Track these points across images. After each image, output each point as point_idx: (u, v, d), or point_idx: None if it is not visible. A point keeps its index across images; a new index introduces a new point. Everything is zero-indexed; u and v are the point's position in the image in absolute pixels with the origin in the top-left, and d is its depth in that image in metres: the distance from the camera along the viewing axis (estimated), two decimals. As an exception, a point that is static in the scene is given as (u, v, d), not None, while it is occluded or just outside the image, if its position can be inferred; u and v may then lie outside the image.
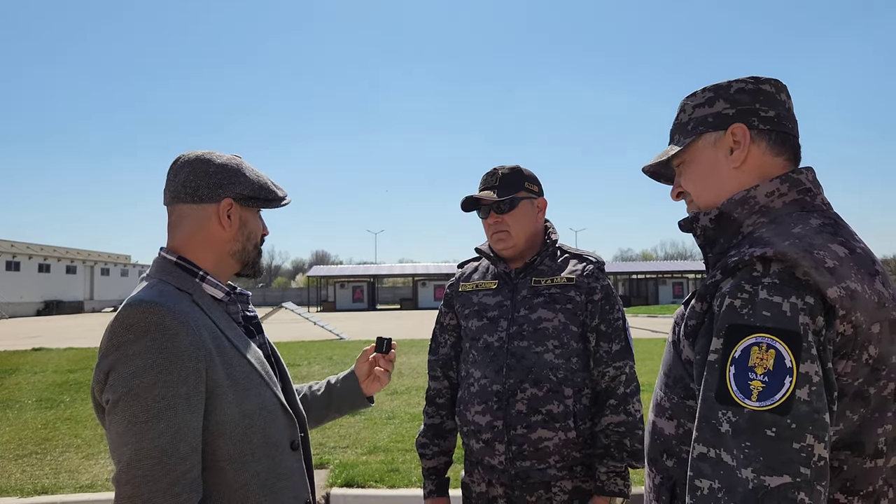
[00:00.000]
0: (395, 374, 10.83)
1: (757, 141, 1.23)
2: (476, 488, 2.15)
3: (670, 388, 1.21)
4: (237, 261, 1.54)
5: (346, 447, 6.15)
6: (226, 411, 1.35)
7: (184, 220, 1.48)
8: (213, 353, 1.36)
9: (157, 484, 1.24)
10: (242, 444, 1.37)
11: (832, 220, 1.15)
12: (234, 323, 1.49)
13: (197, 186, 1.46)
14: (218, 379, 1.35)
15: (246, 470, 1.38)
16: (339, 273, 54.73)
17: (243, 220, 1.52)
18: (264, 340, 1.60)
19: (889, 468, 1.08)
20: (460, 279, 2.34)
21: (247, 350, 1.45)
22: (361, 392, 1.82)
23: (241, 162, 1.54)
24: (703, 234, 1.25)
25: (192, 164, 1.48)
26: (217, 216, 1.48)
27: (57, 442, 6.49)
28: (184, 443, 1.28)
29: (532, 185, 2.19)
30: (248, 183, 1.50)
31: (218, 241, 1.49)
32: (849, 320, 1.01)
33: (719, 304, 1.06)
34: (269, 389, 1.46)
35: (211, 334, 1.38)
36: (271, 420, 1.44)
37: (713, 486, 0.99)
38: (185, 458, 1.28)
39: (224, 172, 1.48)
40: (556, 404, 2.02)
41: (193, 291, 1.43)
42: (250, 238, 1.54)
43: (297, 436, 1.53)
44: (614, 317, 2.12)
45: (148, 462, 1.24)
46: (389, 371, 1.83)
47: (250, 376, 1.42)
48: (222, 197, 1.48)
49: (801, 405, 0.95)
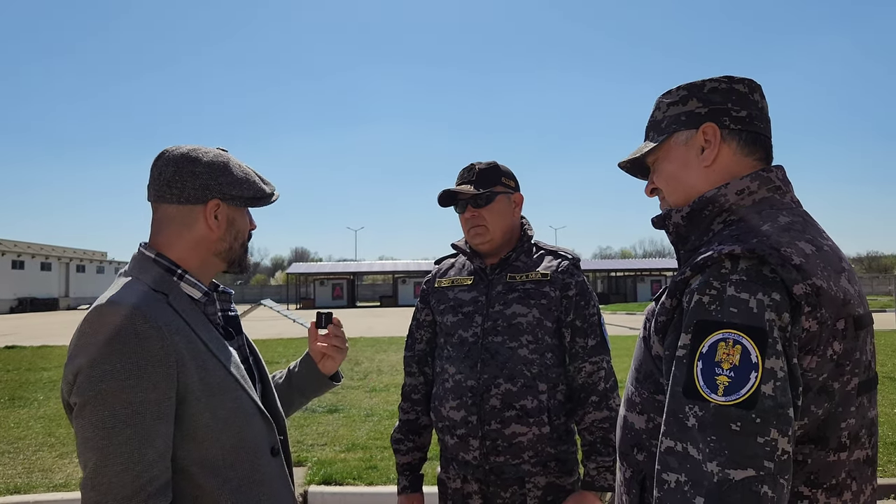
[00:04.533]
0: (373, 371, 10.81)
1: (728, 140, 1.24)
2: (451, 484, 2.16)
3: (641, 382, 1.23)
4: (223, 260, 1.50)
5: (324, 445, 6.14)
6: (198, 416, 1.32)
7: (169, 220, 1.44)
8: (186, 358, 1.32)
9: (123, 490, 1.22)
10: (215, 450, 1.34)
11: (800, 218, 1.17)
12: (211, 324, 1.45)
13: (183, 187, 1.42)
14: (190, 384, 1.32)
15: (217, 476, 1.34)
16: (319, 270, 54.31)
17: (231, 219, 1.48)
18: (243, 342, 1.56)
19: (852, 461, 1.10)
20: (437, 275, 2.35)
21: (222, 353, 1.41)
22: (320, 372, 1.77)
23: (229, 158, 1.49)
24: (675, 231, 1.27)
25: (177, 162, 1.43)
26: (204, 217, 1.44)
27: (30, 441, 6.41)
28: (151, 449, 1.25)
29: (509, 181, 2.20)
30: (235, 181, 1.46)
31: (205, 242, 1.46)
32: (814, 317, 1.03)
33: (688, 301, 1.08)
34: (245, 393, 1.42)
35: (184, 337, 1.34)
36: (247, 425, 1.40)
37: (680, 480, 1.00)
38: (153, 464, 1.25)
39: (211, 172, 1.43)
40: (530, 399, 2.03)
41: (170, 291, 1.39)
42: (237, 237, 1.50)
43: (276, 440, 1.48)
44: (589, 312, 2.13)
45: (114, 469, 1.22)
46: (339, 346, 1.76)
47: (225, 380, 1.38)
48: (209, 198, 1.43)
49: (766, 400, 0.96)
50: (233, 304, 1.61)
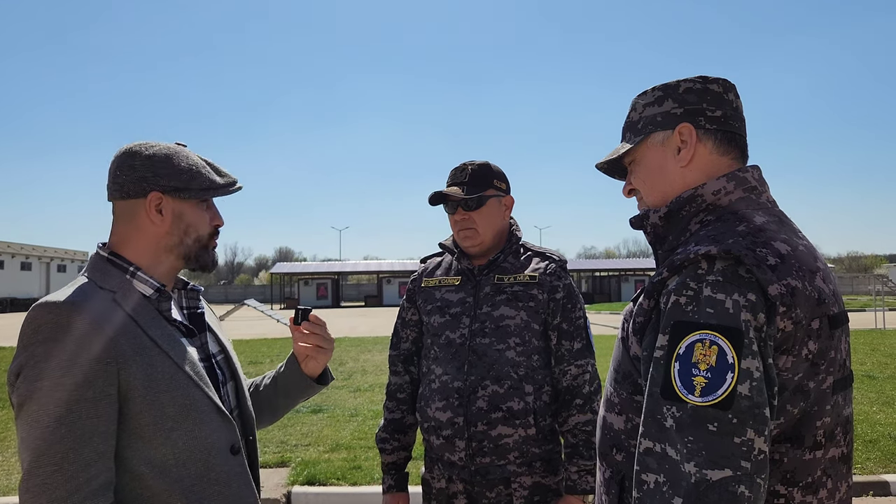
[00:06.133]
0: (357, 371, 10.78)
1: (703, 140, 1.25)
2: (436, 484, 2.16)
3: (619, 383, 1.23)
4: (177, 256, 1.47)
5: (307, 445, 6.11)
6: (143, 414, 1.30)
7: (119, 216, 1.45)
8: (129, 355, 1.30)
9: (56, 492, 1.19)
10: (165, 449, 1.32)
11: (776, 218, 1.19)
12: (165, 321, 1.42)
13: (123, 182, 1.42)
14: (133, 381, 1.29)
15: (168, 475, 1.31)
16: (303, 270, 54.02)
17: (177, 212, 1.45)
18: (206, 340, 1.53)
19: (827, 459, 1.11)
20: (423, 274, 2.34)
21: (173, 350, 1.38)
22: (303, 374, 1.71)
23: (176, 150, 1.46)
24: (653, 232, 1.27)
25: (119, 158, 1.44)
26: (146, 211, 1.43)
27: (10, 442, 6.33)
28: (88, 448, 1.23)
29: (500, 183, 2.20)
30: (177, 172, 1.43)
31: (151, 237, 1.44)
32: (789, 316, 1.04)
33: (665, 301, 1.09)
34: (199, 390, 1.39)
35: (129, 334, 1.32)
36: (200, 422, 1.37)
37: (658, 480, 1.01)
38: (89, 464, 1.23)
39: (149, 164, 1.42)
40: (516, 401, 2.04)
41: (118, 289, 1.38)
42: (188, 231, 1.47)
43: (237, 439, 1.45)
44: (576, 315, 2.14)
45: (47, 469, 1.20)
46: (321, 346, 1.68)
47: (175, 377, 1.35)
48: (148, 191, 1.42)
49: (743, 400, 0.97)
50: (202, 302, 1.59)
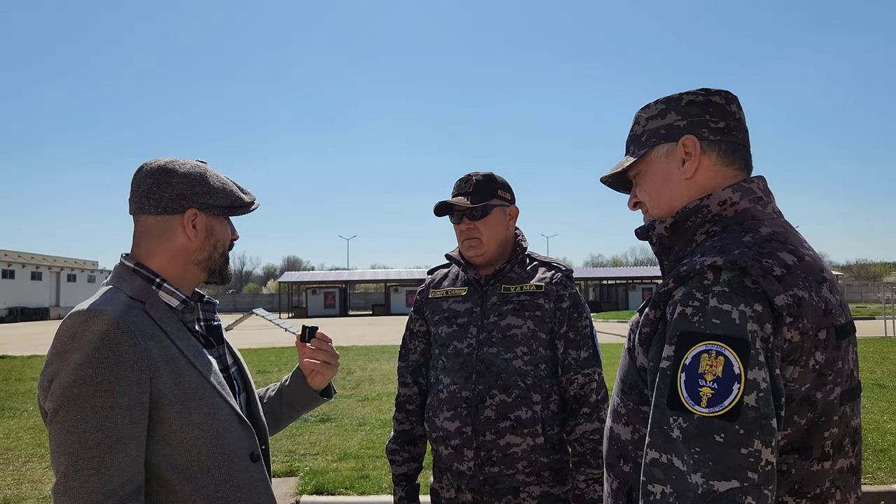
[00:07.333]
0: (365, 380, 10.78)
1: (708, 152, 1.25)
2: (445, 494, 2.16)
3: (626, 394, 1.23)
4: (203, 269, 1.53)
5: (316, 454, 6.11)
6: (171, 421, 1.34)
7: (149, 230, 1.48)
8: (160, 363, 1.34)
9: (94, 495, 1.23)
10: (190, 455, 1.36)
11: (782, 229, 1.19)
12: (189, 332, 1.47)
13: (160, 198, 1.45)
14: (163, 389, 1.34)
15: (193, 481, 1.36)
16: (311, 279, 54.08)
17: (209, 228, 1.50)
18: (224, 351, 1.58)
19: (836, 470, 1.11)
20: (430, 285, 2.35)
21: (198, 360, 1.43)
22: (309, 387, 1.75)
23: (206, 169, 1.52)
24: (659, 243, 1.28)
25: (154, 174, 1.47)
26: (182, 227, 1.47)
27: (20, 452, 6.36)
28: (123, 453, 1.27)
29: (505, 193, 2.22)
30: (212, 191, 1.50)
31: (184, 252, 1.48)
32: (796, 327, 1.04)
33: (671, 312, 1.09)
34: (223, 400, 1.44)
35: (159, 344, 1.36)
36: (224, 431, 1.42)
37: (665, 491, 1.01)
38: (124, 468, 1.27)
39: (187, 182, 1.47)
40: (524, 410, 2.04)
41: (147, 300, 1.42)
42: (217, 246, 1.53)
43: (256, 447, 1.50)
44: (582, 324, 2.15)
45: (85, 472, 1.24)
46: (328, 362, 1.73)
47: (200, 386, 1.40)
48: (186, 207, 1.47)
49: (749, 411, 0.97)
50: (217, 315, 1.63)
